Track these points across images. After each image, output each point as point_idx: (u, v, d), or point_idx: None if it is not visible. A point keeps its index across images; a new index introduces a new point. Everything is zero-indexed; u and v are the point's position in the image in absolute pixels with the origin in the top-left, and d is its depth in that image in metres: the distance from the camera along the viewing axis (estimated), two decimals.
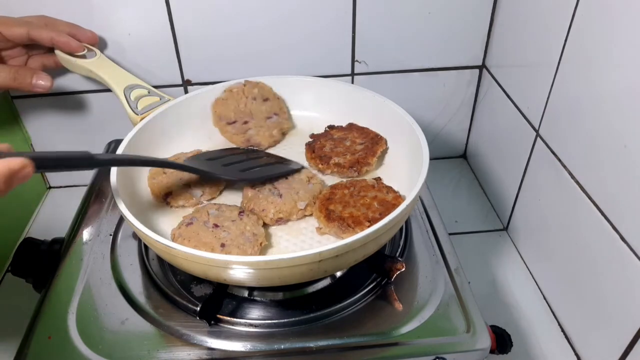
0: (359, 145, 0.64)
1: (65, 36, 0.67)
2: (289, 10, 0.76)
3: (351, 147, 0.64)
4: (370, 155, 0.63)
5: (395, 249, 0.60)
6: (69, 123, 0.83)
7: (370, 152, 0.63)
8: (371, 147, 0.64)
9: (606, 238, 0.55)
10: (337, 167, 0.62)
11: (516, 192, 0.77)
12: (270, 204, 0.57)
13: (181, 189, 0.60)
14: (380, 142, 0.64)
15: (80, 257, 0.60)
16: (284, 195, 0.57)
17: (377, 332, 0.51)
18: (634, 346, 0.53)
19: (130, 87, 0.67)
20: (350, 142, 0.65)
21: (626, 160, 0.52)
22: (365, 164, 0.62)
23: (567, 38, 0.61)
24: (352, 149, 0.64)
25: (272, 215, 0.56)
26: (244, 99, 0.69)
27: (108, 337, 0.51)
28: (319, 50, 0.80)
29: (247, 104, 0.69)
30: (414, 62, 0.83)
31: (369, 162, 0.62)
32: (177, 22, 0.75)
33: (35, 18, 0.68)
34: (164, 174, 0.61)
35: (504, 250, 0.78)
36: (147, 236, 0.48)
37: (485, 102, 0.87)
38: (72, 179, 0.89)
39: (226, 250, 0.51)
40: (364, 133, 0.66)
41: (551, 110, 0.66)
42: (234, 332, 0.51)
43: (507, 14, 0.77)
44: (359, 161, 0.62)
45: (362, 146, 0.64)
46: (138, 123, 0.63)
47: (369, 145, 0.64)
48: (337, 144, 0.65)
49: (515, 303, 0.70)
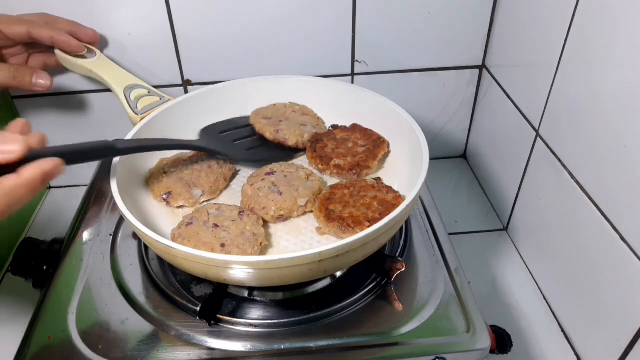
0: (360, 148, 0.64)
1: (65, 35, 0.67)
2: (289, 10, 0.76)
3: (353, 148, 0.64)
4: (371, 159, 0.62)
5: (395, 249, 0.60)
6: (69, 123, 0.83)
7: (371, 155, 0.63)
8: (373, 149, 0.63)
9: (606, 238, 0.55)
10: (337, 168, 0.62)
11: (516, 192, 0.77)
12: (270, 202, 0.57)
13: (181, 188, 0.60)
14: (382, 145, 0.64)
15: (80, 257, 0.60)
16: (284, 192, 0.57)
17: (377, 332, 0.51)
18: (634, 346, 0.53)
19: (130, 87, 0.67)
20: (352, 144, 0.65)
21: (626, 160, 0.52)
22: (366, 167, 0.62)
23: (567, 38, 0.61)
24: (353, 151, 0.64)
25: (273, 213, 0.57)
26: (284, 109, 0.70)
27: (108, 337, 0.51)
28: (319, 50, 0.80)
29: (287, 112, 0.70)
30: (414, 62, 0.83)
31: (369, 166, 0.62)
32: (177, 22, 0.75)
33: (36, 16, 0.68)
34: (164, 174, 0.61)
35: (504, 250, 0.78)
36: (147, 236, 0.48)
37: (485, 102, 0.87)
38: (72, 179, 0.89)
39: (226, 250, 0.51)
40: (367, 135, 0.66)
41: (551, 110, 0.66)
42: (234, 332, 0.51)
43: (507, 14, 0.77)
44: (359, 164, 0.62)
45: (364, 149, 0.64)
46: (138, 123, 0.63)
47: (371, 148, 0.64)
48: (339, 144, 0.65)
49: (515, 303, 0.70)
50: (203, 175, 0.61)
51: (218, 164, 0.64)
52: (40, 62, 0.70)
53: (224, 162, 0.65)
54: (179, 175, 0.61)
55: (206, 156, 0.65)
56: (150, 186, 0.61)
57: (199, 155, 0.65)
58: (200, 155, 0.65)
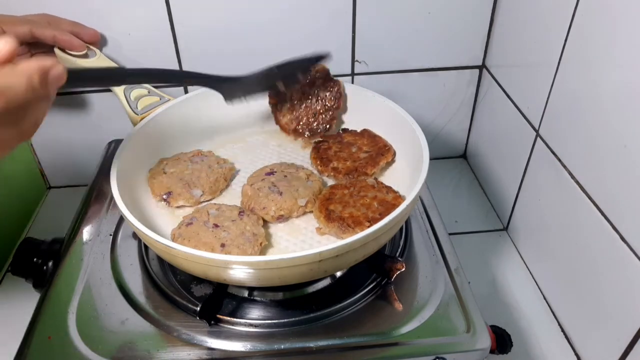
0: (363, 153, 0.64)
1: (67, 34, 0.67)
2: (289, 10, 0.76)
3: (356, 154, 0.64)
4: (371, 165, 0.62)
5: (395, 249, 0.60)
6: (69, 122, 0.83)
7: (372, 162, 0.62)
8: (375, 157, 0.63)
9: (606, 238, 0.55)
10: (334, 171, 0.62)
11: (516, 192, 0.77)
12: (270, 202, 0.57)
13: (181, 189, 0.60)
14: (387, 154, 0.64)
15: (80, 257, 0.60)
16: (284, 192, 0.57)
17: (377, 332, 0.51)
18: (634, 346, 0.53)
19: (130, 87, 0.67)
20: (356, 149, 0.65)
21: (626, 160, 0.52)
22: (363, 173, 0.61)
23: (567, 38, 0.61)
24: (355, 156, 0.64)
25: (273, 213, 0.57)
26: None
27: (108, 337, 0.51)
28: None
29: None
30: (414, 62, 0.83)
31: (366, 172, 0.61)
32: (177, 22, 0.75)
33: (37, 16, 0.68)
34: (164, 173, 0.61)
35: (504, 250, 0.78)
36: (147, 236, 0.48)
37: (485, 102, 0.87)
38: (72, 179, 0.89)
39: (226, 250, 0.51)
40: (374, 141, 0.66)
41: (551, 110, 0.66)
42: (234, 332, 0.51)
43: (507, 14, 0.77)
44: (357, 169, 0.62)
45: (367, 155, 0.64)
46: (138, 123, 0.63)
47: (374, 155, 0.63)
48: (344, 148, 0.65)
49: (515, 303, 0.70)
50: (203, 175, 0.61)
51: (218, 164, 0.64)
52: None
53: (224, 161, 0.65)
54: (179, 175, 0.61)
55: (206, 156, 0.65)
56: (150, 186, 0.61)
57: (199, 156, 0.65)
58: (200, 155, 0.65)
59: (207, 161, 0.64)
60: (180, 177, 0.61)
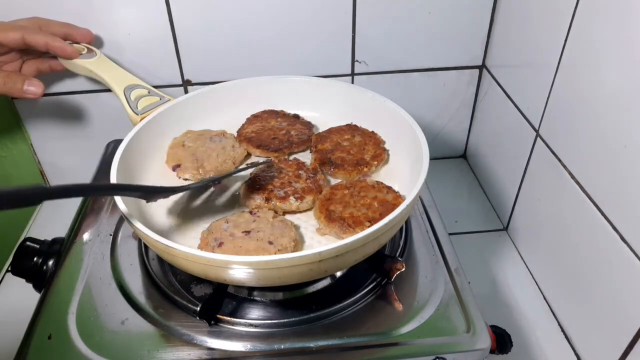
0: (350, 155, 0.64)
1: (59, 41, 0.66)
2: (289, 10, 0.76)
3: (349, 148, 0.64)
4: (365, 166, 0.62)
5: (395, 249, 0.60)
6: (69, 123, 0.83)
7: (364, 162, 0.62)
8: (361, 162, 0.62)
9: (606, 238, 0.55)
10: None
11: (516, 192, 0.77)
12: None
13: (190, 163, 0.62)
14: (380, 154, 0.63)
15: (80, 257, 0.60)
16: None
17: (377, 332, 0.51)
18: (634, 346, 0.53)
19: (130, 87, 0.67)
20: (348, 144, 0.65)
21: (626, 160, 0.52)
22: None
23: (567, 38, 0.61)
24: (350, 151, 0.64)
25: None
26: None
27: (108, 337, 0.51)
28: (318, 50, 0.80)
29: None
30: (414, 62, 0.83)
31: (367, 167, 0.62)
32: (177, 22, 0.75)
33: (28, 21, 0.67)
34: (182, 146, 0.64)
35: (504, 250, 0.78)
36: (147, 236, 0.48)
37: (485, 102, 0.87)
38: (72, 179, 0.89)
39: (278, 242, 0.51)
40: (368, 137, 0.66)
41: (551, 110, 0.66)
42: (234, 332, 0.51)
43: (507, 14, 0.77)
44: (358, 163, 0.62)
45: (354, 157, 0.63)
46: (138, 123, 0.63)
47: (367, 158, 0.63)
48: (344, 147, 0.65)
49: (515, 303, 0.70)
50: (214, 155, 0.63)
51: (233, 147, 0.65)
52: (33, 69, 0.70)
53: (239, 145, 0.66)
54: (193, 150, 0.63)
55: (226, 138, 0.66)
56: (167, 154, 0.64)
57: (221, 136, 0.66)
58: (222, 135, 0.66)
59: (224, 142, 0.65)
60: (193, 152, 0.63)
